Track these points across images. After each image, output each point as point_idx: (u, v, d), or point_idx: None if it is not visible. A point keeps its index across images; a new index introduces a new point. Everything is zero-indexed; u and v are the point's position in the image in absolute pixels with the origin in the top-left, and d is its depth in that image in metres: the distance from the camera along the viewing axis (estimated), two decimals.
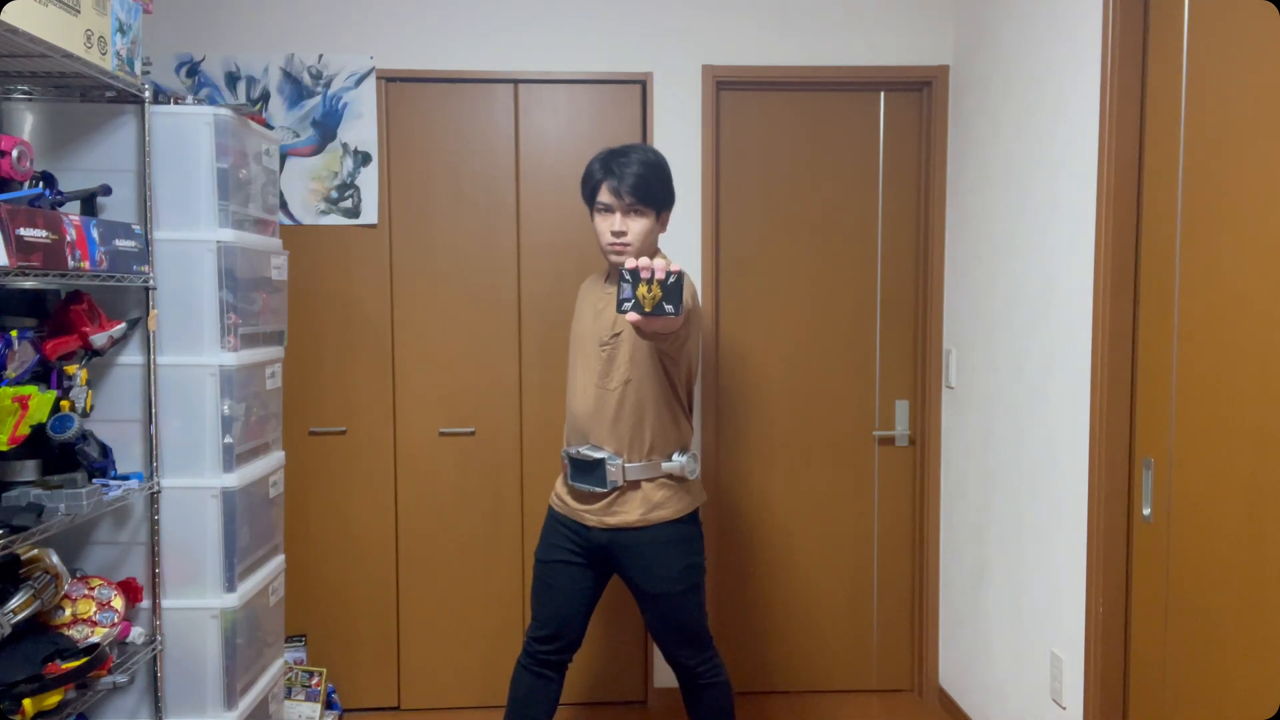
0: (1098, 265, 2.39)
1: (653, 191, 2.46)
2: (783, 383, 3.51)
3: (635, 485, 2.48)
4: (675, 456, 2.50)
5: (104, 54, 2.14)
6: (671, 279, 2.03)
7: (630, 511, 2.47)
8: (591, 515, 2.50)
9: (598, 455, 2.46)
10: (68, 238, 2.02)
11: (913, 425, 3.57)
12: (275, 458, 2.78)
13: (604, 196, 2.46)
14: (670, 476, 2.50)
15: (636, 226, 2.46)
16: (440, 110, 3.39)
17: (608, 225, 2.47)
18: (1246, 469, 1.94)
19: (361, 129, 3.33)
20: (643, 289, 2.04)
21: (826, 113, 3.48)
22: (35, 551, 2.23)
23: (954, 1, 3.41)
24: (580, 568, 2.57)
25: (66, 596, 2.28)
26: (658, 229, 2.52)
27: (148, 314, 2.38)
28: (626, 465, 2.46)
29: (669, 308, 2.02)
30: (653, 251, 2.55)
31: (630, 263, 2.07)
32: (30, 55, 2.01)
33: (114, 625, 2.30)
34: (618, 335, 2.46)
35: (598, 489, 2.47)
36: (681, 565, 2.50)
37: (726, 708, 2.64)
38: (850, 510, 3.59)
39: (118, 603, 2.33)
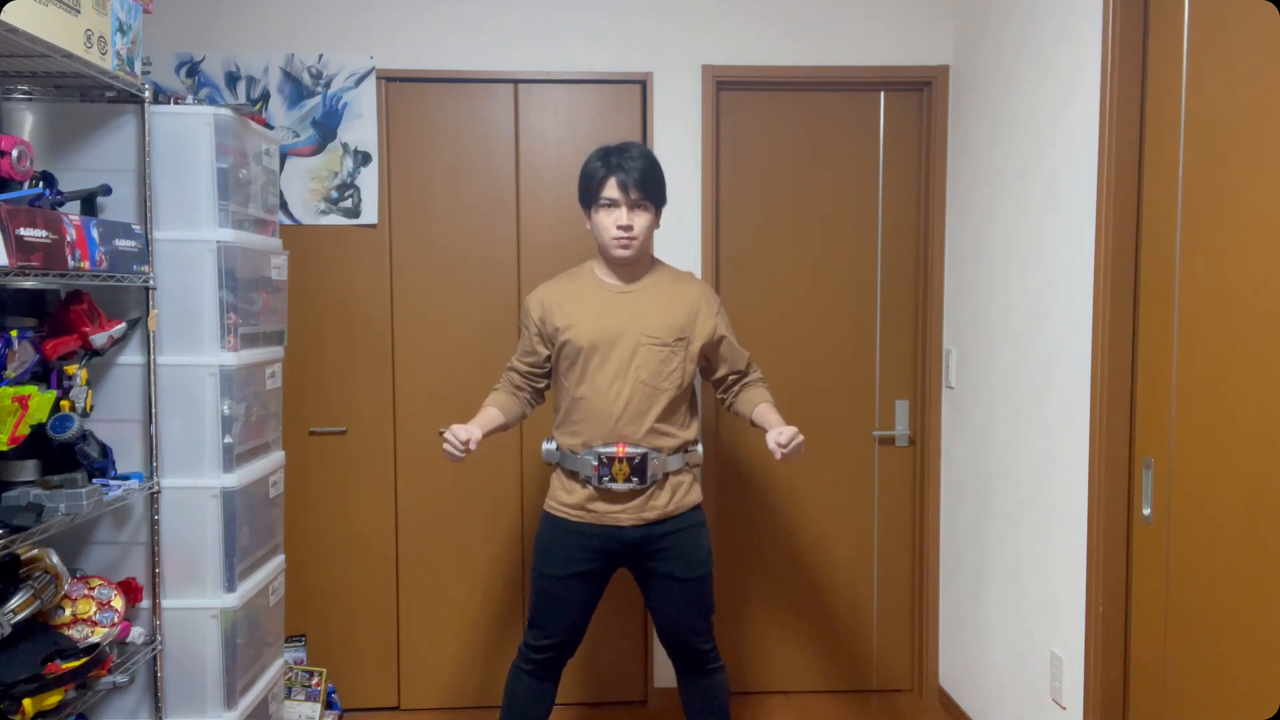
0: (1098, 265, 2.39)
1: (655, 186, 2.53)
2: (782, 383, 3.51)
3: (666, 476, 2.55)
4: (695, 446, 2.61)
5: (104, 54, 2.14)
6: (637, 460, 2.48)
7: (666, 502, 2.54)
8: (626, 515, 2.51)
9: (641, 450, 2.48)
10: (68, 238, 2.02)
11: (913, 425, 3.57)
12: (275, 458, 2.78)
13: (610, 191, 2.48)
14: (688, 464, 2.60)
15: (640, 221, 2.51)
16: (440, 110, 3.39)
17: (613, 219, 2.49)
18: (1246, 469, 1.94)
19: (361, 129, 3.34)
20: (616, 467, 2.50)
21: (826, 113, 3.48)
22: (35, 551, 2.23)
23: (954, 1, 3.41)
24: (597, 575, 2.58)
25: (66, 596, 2.28)
26: (655, 224, 2.57)
27: (148, 314, 2.38)
28: (668, 458, 2.53)
29: (635, 479, 2.49)
30: (649, 249, 2.61)
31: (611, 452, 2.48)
32: (30, 55, 2.02)
33: (114, 625, 2.30)
34: (682, 340, 2.53)
35: (637, 486, 2.49)
36: (708, 547, 2.62)
37: (728, 693, 2.69)
38: (850, 510, 3.59)
39: (118, 603, 2.33)
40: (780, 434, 2.39)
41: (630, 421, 2.49)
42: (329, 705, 3.34)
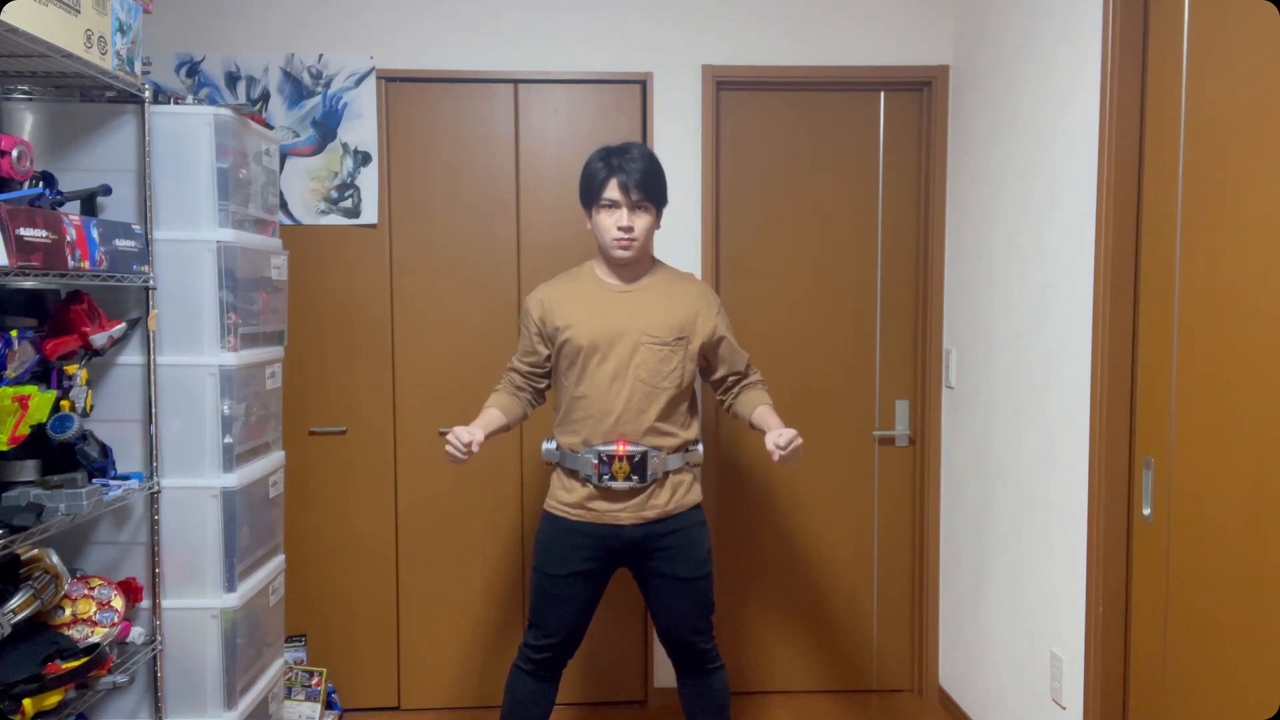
0: (1098, 265, 2.39)
1: (656, 187, 2.53)
2: (782, 383, 3.51)
3: (667, 475, 2.55)
4: (696, 445, 2.62)
5: (104, 54, 2.14)
6: (637, 458, 2.49)
7: (666, 501, 2.54)
8: (626, 513, 2.52)
9: (641, 449, 2.49)
10: (68, 238, 2.02)
11: (913, 425, 3.57)
12: (275, 458, 2.78)
13: (611, 192, 2.48)
14: (688, 464, 2.60)
15: (641, 222, 2.51)
16: (440, 110, 3.39)
17: (614, 220, 2.50)
18: (1246, 469, 1.94)
19: (361, 129, 3.33)
20: (617, 465, 2.50)
21: (826, 113, 3.48)
22: (35, 551, 2.23)
23: (954, 1, 3.41)
24: (597, 575, 2.59)
25: (66, 596, 2.28)
26: (655, 225, 2.57)
27: (148, 314, 2.38)
28: (668, 457, 2.54)
29: (635, 477, 2.50)
30: (650, 249, 2.61)
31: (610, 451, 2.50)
32: (30, 55, 2.02)
33: (114, 625, 2.30)
34: (682, 339, 2.53)
35: (637, 484, 2.49)
36: (708, 547, 2.62)
37: (728, 693, 2.70)
38: (850, 510, 3.59)
39: (118, 603, 2.33)
40: (779, 436, 2.39)
41: (630, 420, 2.49)
42: (329, 705, 3.34)
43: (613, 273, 2.59)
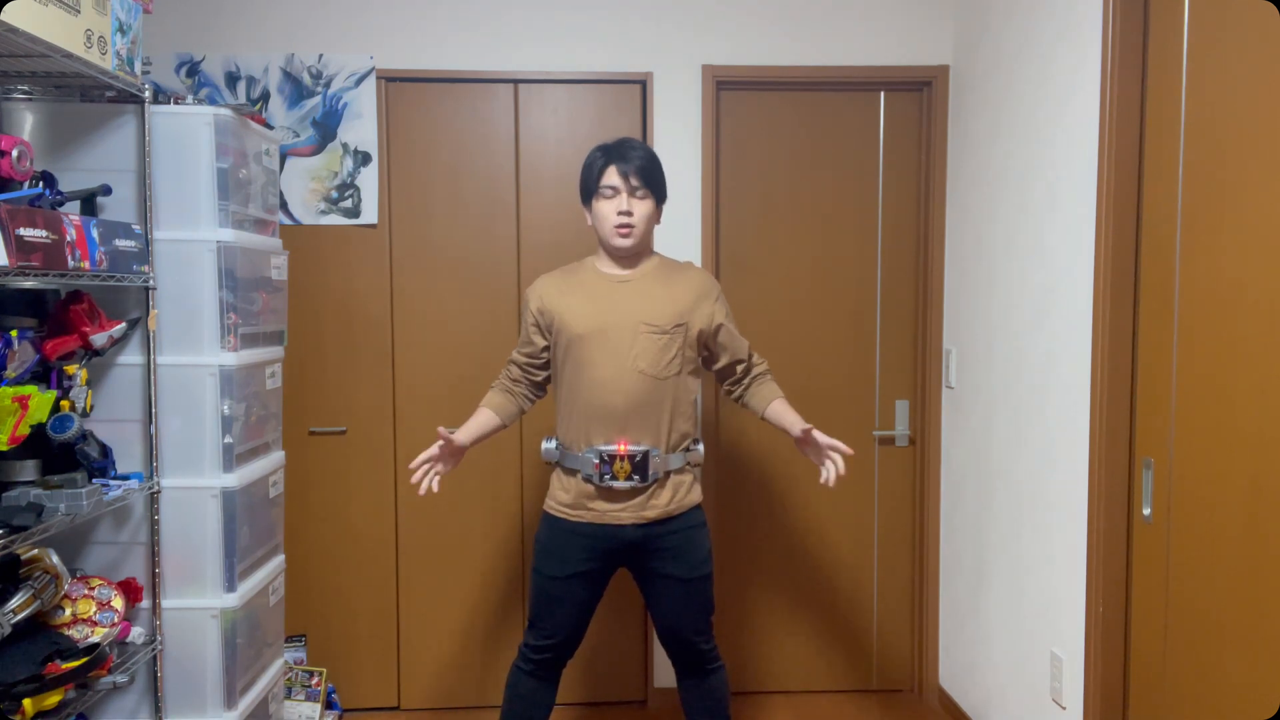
0: (1098, 265, 2.39)
1: (655, 176, 2.53)
2: (782, 383, 3.48)
3: (668, 475, 2.54)
4: (696, 445, 2.60)
5: (104, 54, 2.14)
6: (638, 457, 2.48)
7: (667, 501, 2.53)
8: (626, 513, 2.51)
9: (643, 449, 2.48)
10: (68, 238, 2.02)
11: (913, 425, 3.57)
12: (275, 458, 2.78)
13: (610, 179, 2.48)
14: (689, 464, 2.59)
15: (641, 209, 2.51)
16: (440, 110, 3.39)
17: (614, 206, 2.50)
18: (1246, 469, 1.94)
19: (361, 129, 3.34)
20: (618, 465, 2.49)
21: (826, 113, 3.48)
22: (35, 551, 2.23)
23: (954, 1, 3.41)
24: (596, 575, 2.58)
25: (66, 596, 2.28)
26: (656, 217, 2.57)
27: (148, 314, 2.38)
28: (669, 456, 2.52)
29: (636, 477, 2.49)
30: (650, 242, 2.61)
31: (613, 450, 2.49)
32: (30, 55, 2.02)
33: (114, 625, 2.30)
34: (680, 326, 2.52)
35: (638, 484, 2.48)
36: (708, 547, 2.61)
37: (728, 693, 2.69)
38: (850, 510, 3.59)
39: (118, 603, 2.33)
40: (839, 463, 2.47)
41: (630, 412, 2.48)
42: (329, 705, 3.34)
43: (612, 263, 2.59)
